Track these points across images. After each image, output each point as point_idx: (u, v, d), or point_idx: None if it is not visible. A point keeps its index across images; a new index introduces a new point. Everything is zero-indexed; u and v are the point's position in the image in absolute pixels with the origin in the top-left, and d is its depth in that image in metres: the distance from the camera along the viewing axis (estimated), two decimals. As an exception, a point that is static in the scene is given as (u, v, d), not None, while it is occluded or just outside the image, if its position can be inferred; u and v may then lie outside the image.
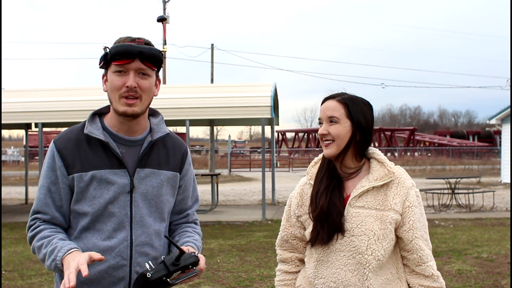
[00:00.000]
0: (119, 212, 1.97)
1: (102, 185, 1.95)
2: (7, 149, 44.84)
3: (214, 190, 13.60)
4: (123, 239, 1.98)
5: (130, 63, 1.94)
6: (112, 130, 2.03)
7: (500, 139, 26.08)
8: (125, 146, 2.02)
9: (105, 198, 1.96)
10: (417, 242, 2.07)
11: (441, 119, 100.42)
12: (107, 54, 1.96)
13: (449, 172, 29.26)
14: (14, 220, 12.29)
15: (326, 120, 2.11)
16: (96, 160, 1.96)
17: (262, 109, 11.87)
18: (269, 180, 15.25)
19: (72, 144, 1.98)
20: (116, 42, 2.00)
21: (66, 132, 2.05)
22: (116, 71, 1.96)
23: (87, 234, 1.97)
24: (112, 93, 1.98)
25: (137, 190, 2.00)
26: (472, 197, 14.24)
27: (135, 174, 2.00)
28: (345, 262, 2.06)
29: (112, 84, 1.97)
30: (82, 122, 2.06)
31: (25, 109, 12.31)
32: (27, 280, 6.76)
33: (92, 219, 1.96)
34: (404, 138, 50.07)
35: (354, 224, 2.05)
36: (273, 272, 6.97)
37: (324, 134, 2.10)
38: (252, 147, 60.07)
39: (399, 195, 2.08)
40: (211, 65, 34.00)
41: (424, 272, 2.09)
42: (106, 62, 1.98)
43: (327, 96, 2.17)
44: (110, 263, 1.96)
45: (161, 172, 2.06)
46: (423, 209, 2.15)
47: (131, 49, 1.92)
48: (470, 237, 9.41)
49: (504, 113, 21.85)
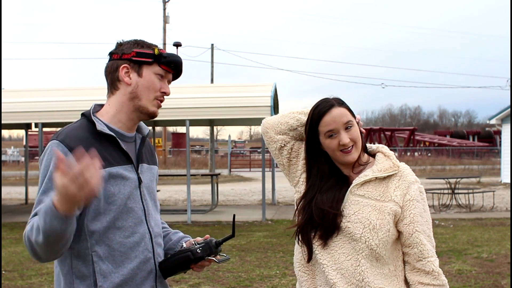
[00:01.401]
0: (136, 206, 1.99)
1: (118, 181, 1.95)
2: (7, 149, 44.84)
3: (214, 190, 13.60)
4: (145, 232, 2.00)
5: (172, 73, 2.07)
6: (114, 127, 2.02)
7: (500, 139, 26.09)
8: (125, 142, 2.03)
9: (124, 194, 1.95)
10: (417, 235, 2.05)
11: (441, 119, 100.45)
12: (160, 56, 2.01)
13: (449, 172, 29.26)
14: (14, 220, 12.29)
15: (342, 127, 2.08)
16: (108, 157, 1.94)
17: (262, 109, 11.86)
18: (269, 180, 15.26)
19: (84, 142, 1.92)
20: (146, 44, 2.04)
21: (71, 131, 1.96)
22: (159, 73, 2.02)
23: (108, 235, 1.92)
24: (147, 91, 2.01)
25: (143, 184, 2.04)
26: (472, 197, 14.23)
27: (138, 169, 2.04)
28: (340, 246, 2.06)
29: (152, 84, 2.02)
30: (81, 121, 2.02)
31: (25, 109, 12.30)
32: (27, 280, 6.77)
33: (113, 217, 1.93)
34: (404, 138, 50.06)
35: (352, 211, 2.06)
36: (273, 272, 6.97)
37: (347, 143, 2.07)
38: (252, 147, 60.02)
39: (400, 188, 2.08)
40: (211, 65, 34.01)
41: (425, 267, 2.06)
42: (150, 61, 2.01)
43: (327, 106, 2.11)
44: (140, 258, 1.97)
45: (152, 166, 2.14)
46: (427, 206, 2.13)
47: (179, 60, 2.06)
48: (470, 237, 9.41)
49: (504, 113, 21.85)
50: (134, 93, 2.00)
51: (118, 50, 2.03)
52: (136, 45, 2.02)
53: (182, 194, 17.98)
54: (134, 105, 2.01)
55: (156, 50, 2.01)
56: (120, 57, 2.01)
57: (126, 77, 1.99)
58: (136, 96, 2.00)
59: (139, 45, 2.02)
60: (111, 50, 2.07)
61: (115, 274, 1.92)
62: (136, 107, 2.01)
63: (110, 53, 2.06)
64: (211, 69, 33.94)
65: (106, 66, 2.06)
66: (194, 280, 6.63)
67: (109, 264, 1.91)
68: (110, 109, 2.04)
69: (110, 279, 1.91)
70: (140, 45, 2.02)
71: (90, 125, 1.98)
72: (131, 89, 2.00)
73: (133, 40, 2.05)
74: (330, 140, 2.09)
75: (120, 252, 1.93)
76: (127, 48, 2.02)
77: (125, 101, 2.01)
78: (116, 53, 2.03)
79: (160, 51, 2.01)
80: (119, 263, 1.93)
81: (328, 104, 2.11)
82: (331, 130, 2.08)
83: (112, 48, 2.07)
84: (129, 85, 2.00)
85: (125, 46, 2.03)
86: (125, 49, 2.02)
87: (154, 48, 2.02)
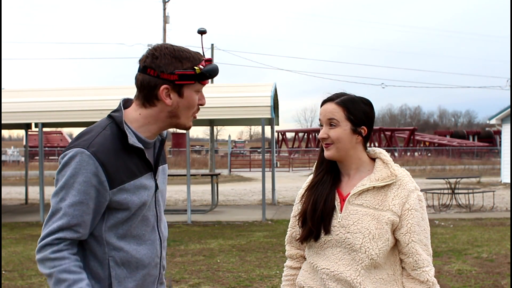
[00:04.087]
0: (150, 214, 1.99)
1: (141, 192, 1.94)
2: (7, 149, 44.82)
3: (214, 190, 13.60)
4: (156, 238, 2.01)
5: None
6: (141, 136, 1.96)
7: (500, 139, 26.08)
8: (147, 149, 2.00)
9: (144, 204, 1.95)
10: (413, 246, 2.06)
11: (441, 119, 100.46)
12: (201, 75, 1.90)
13: (449, 172, 29.26)
14: (14, 220, 12.29)
15: (326, 123, 2.12)
16: (134, 168, 1.93)
17: (262, 109, 11.87)
18: (269, 180, 15.25)
19: (113, 155, 1.87)
20: (184, 58, 1.89)
21: (104, 142, 1.87)
22: (198, 90, 1.94)
23: (124, 243, 1.93)
24: (186, 110, 1.94)
25: (158, 190, 2.04)
26: (472, 197, 14.23)
27: (156, 174, 2.03)
28: (340, 257, 2.08)
29: (193, 102, 1.93)
30: (111, 129, 1.92)
31: (25, 109, 12.30)
32: (27, 280, 6.77)
33: (130, 226, 1.93)
34: (404, 138, 50.05)
35: (351, 221, 2.06)
36: (273, 272, 6.98)
37: (324, 138, 2.12)
38: (252, 147, 60.05)
39: (399, 197, 2.08)
40: (211, 65, 33.97)
41: (419, 277, 2.08)
42: (193, 83, 1.91)
43: (326, 98, 2.17)
44: (152, 264, 1.99)
45: (164, 166, 2.13)
46: (425, 214, 2.13)
47: (218, 71, 1.95)
48: (470, 237, 9.41)
49: (504, 113, 21.84)
50: (174, 112, 1.93)
51: (154, 65, 1.87)
52: (174, 61, 1.88)
53: (182, 194, 17.97)
54: (171, 122, 1.97)
55: (198, 70, 1.89)
56: (158, 75, 1.87)
57: (167, 99, 1.90)
58: (175, 115, 1.94)
59: (177, 61, 1.88)
60: (145, 60, 1.90)
61: (129, 279, 1.94)
62: (173, 124, 1.98)
63: (144, 65, 1.90)
64: (211, 69, 33.91)
65: (140, 79, 1.91)
66: (194, 280, 6.63)
67: (124, 270, 1.93)
68: (141, 119, 1.95)
69: (124, 284, 1.93)
70: (178, 60, 1.88)
71: (120, 134, 1.91)
72: (171, 109, 1.92)
73: (169, 52, 1.89)
74: (320, 129, 2.17)
75: (136, 259, 1.95)
76: (166, 65, 1.87)
77: (162, 118, 1.94)
78: (153, 69, 1.87)
79: (201, 69, 1.89)
80: (134, 269, 1.95)
81: (328, 98, 2.17)
82: (320, 121, 2.17)
83: (144, 55, 1.91)
84: (169, 105, 1.91)
85: (163, 61, 1.87)
86: (163, 66, 1.87)
87: (195, 68, 1.89)
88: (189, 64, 1.89)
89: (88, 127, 1.97)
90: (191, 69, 1.89)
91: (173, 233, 10.01)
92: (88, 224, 1.86)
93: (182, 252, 8.35)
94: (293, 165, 36.44)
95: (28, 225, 11.49)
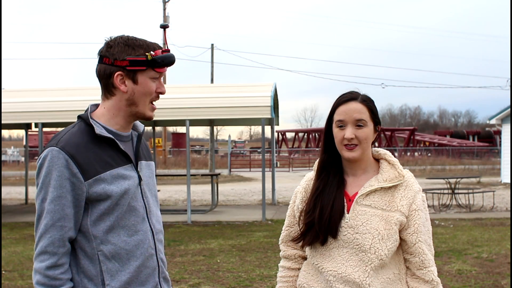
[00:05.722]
0: (138, 205, 2.02)
1: (120, 182, 1.97)
2: (7, 149, 44.83)
3: (214, 190, 13.60)
4: (147, 229, 2.03)
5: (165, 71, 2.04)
6: (112, 129, 2.03)
7: (500, 139, 26.08)
8: (122, 142, 2.05)
9: (127, 194, 1.98)
10: (420, 245, 2.07)
11: (441, 119, 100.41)
12: (153, 61, 1.96)
13: (449, 172, 29.26)
14: (14, 220, 12.30)
15: (352, 123, 2.07)
16: (109, 159, 1.97)
17: (262, 109, 11.87)
18: (269, 180, 15.25)
19: (83, 148, 1.93)
20: (137, 45, 1.97)
21: (71, 137, 1.95)
22: (153, 77, 1.99)
23: (113, 235, 1.95)
24: (143, 96, 1.99)
25: (143, 182, 2.07)
26: (472, 197, 14.24)
27: (137, 167, 2.07)
28: (347, 258, 2.06)
29: (148, 89, 1.99)
30: (78, 125, 2.01)
31: (25, 109, 12.31)
32: (27, 280, 6.76)
33: (117, 216, 1.96)
34: (404, 138, 50.06)
35: (360, 222, 2.05)
36: (273, 272, 6.97)
37: (351, 139, 2.06)
38: (252, 147, 60.06)
39: (406, 198, 2.08)
40: (211, 65, 34.02)
41: (425, 277, 2.09)
42: (144, 69, 1.97)
43: (348, 97, 2.11)
44: (145, 255, 2.01)
45: (149, 162, 2.17)
46: (428, 215, 2.15)
47: (173, 60, 2.01)
48: (470, 237, 9.41)
49: (504, 113, 21.85)
50: (131, 100, 2.00)
51: (108, 53, 1.97)
52: (127, 49, 1.96)
53: (182, 194, 17.98)
54: (131, 111, 2.02)
55: (149, 56, 1.95)
56: (112, 63, 1.96)
57: (121, 85, 1.97)
58: (133, 103, 2.00)
59: (130, 48, 1.96)
60: (101, 50, 1.99)
61: (122, 272, 1.95)
62: (133, 113, 2.03)
63: (100, 55, 1.99)
64: (211, 69, 33.95)
65: (98, 69, 2.01)
66: (194, 280, 6.63)
67: (115, 263, 1.95)
68: (106, 112, 2.03)
69: (118, 278, 1.95)
70: (131, 48, 1.96)
71: (88, 128, 1.99)
72: (128, 96, 1.99)
73: (122, 40, 1.98)
74: (338, 130, 2.09)
75: (126, 250, 1.96)
76: (119, 53, 1.95)
77: (122, 107, 2.01)
78: (107, 57, 1.97)
79: (152, 56, 1.96)
80: (125, 262, 1.96)
81: (350, 96, 2.11)
82: (341, 121, 2.08)
83: (101, 47, 2.00)
84: (125, 93, 1.98)
85: (116, 49, 1.96)
86: (116, 53, 1.95)
87: (147, 54, 1.96)
88: (141, 51, 1.97)
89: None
90: (143, 56, 1.96)
91: (173, 233, 9.99)
92: (71, 217, 1.91)
93: (182, 252, 8.35)
94: (293, 165, 36.43)
95: (28, 225, 11.48)
